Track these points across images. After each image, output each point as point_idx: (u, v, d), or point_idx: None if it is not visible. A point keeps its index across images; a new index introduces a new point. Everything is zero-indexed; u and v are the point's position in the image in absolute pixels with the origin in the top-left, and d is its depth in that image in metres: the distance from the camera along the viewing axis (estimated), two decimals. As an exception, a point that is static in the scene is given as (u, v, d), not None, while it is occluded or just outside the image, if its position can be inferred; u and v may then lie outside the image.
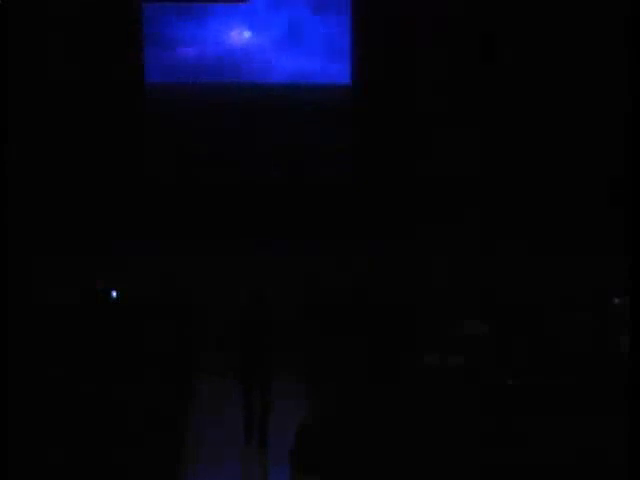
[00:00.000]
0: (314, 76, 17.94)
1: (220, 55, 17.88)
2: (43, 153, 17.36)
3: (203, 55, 17.89)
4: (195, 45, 17.87)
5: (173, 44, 17.85)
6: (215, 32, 17.86)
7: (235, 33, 17.87)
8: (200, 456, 12.59)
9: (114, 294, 15.09)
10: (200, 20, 17.79)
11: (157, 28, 17.78)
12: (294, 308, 16.24)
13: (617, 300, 14.01)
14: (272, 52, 17.87)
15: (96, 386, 11.43)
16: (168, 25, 17.78)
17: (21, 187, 16.75)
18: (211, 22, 17.82)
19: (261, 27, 17.86)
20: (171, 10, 17.77)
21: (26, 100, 17.05)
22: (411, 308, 14.62)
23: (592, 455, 9.97)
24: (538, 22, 17.39)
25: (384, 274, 16.72)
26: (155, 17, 17.77)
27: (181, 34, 17.82)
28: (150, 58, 17.83)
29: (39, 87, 17.24)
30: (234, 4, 17.76)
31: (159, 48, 17.83)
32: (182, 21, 17.78)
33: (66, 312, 13.97)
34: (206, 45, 17.88)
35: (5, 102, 13.95)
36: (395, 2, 17.60)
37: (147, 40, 17.78)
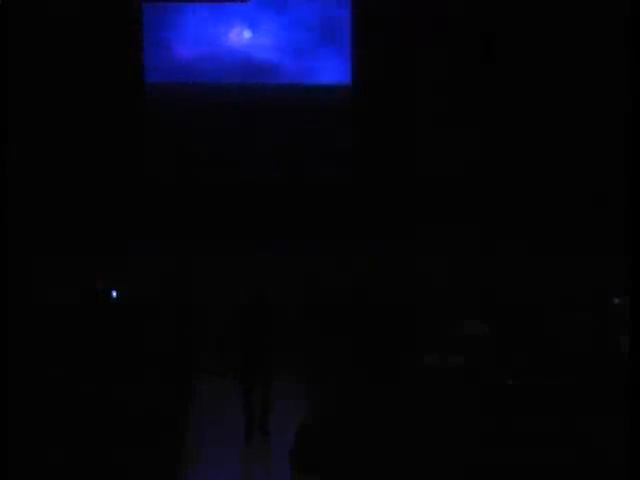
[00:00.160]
0: (314, 76, 17.94)
1: (220, 55, 17.88)
2: (43, 153, 17.36)
3: (203, 55, 17.89)
4: (195, 45, 17.86)
5: (173, 44, 17.85)
6: (215, 32, 17.86)
7: (235, 33, 17.87)
8: (200, 456, 12.59)
9: (114, 294, 15.09)
10: (200, 20, 17.79)
11: (157, 28, 17.78)
12: (294, 308, 16.24)
13: (617, 300, 14.01)
14: (272, 52, 17.87)
15: (96, 386, 11.42)
16: (168, 25, 17.79)
17: (21, 187, 16.75)
18: (211, 22, 17.82)
19: (261, 27, 17.86)
20: (171, 10, 17.77)
21: (26, 100, 17.05)
22: (411, 308, 14.62)
23: (592, 455, 9.97)
24: (538, 22, 17.39)
25: (384, 274, 16.72)
26: (155, 17, 17.77)
27: (181, 34, 17.82)
28: (150, 58, 17.83)
29: (39, 87, 17.24)
30: (234, 4, 17.76)
31: (159, 48, 17.82)
32: (182, 21, 17.78)
33: (66, 312, 13.96)
34: (206, 45, 17.88)
35: (5, 102, 13.94)
36: (395, 2, 17.61)
37: (147, 40, 17.78)
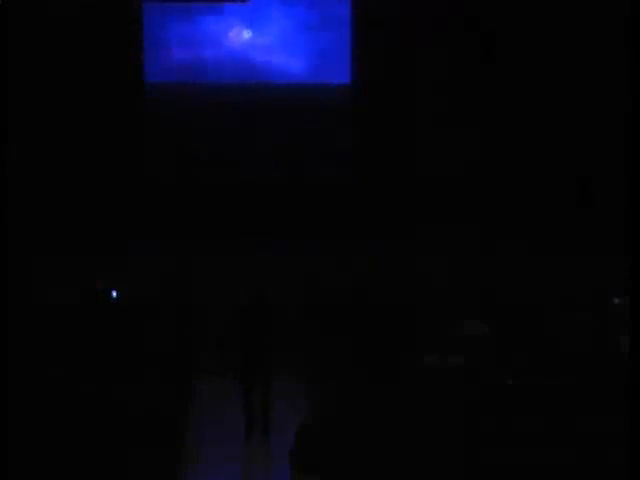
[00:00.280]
0: (314, 76, 17.94)
1: (220, 55, 17.88)
2: (43, 153, 17.37)
3: (203, 55, 17.88)
4: (195, 45, 17.86)
5: (173, 44, 17.84)
6: (215, 32, 17.85)
7: (235, 33, 17.87)
8: (200, 456, 12.59)
9: (114, 294, 15.09)
10: (200, 20, 17.79)
11: (157, 28, 17.78)
12: (294, 308, 16.24)
13: (617, 300, 14.01)
14: (272, 52, 17.86)
15: (96, 386, 11.41)
16: (168, 25, 17.79)
17: (21, 187, 16.74)
18: (211, 22, 17.82)
19: (261, 27, 17.86)
20: (171, 10, 17.77)
21: (26, 100, 17.05)
22: (411, 308, 14.61)
23: (592, 455, 9.97)
24: (538, 22, 17.39)
25: (384, 274, 16.71)
26: (155, 17, 17.77)
27: (181, 34, 17.82)
28: (150, 58, 17.83)
29: (39, 87, 17.24)
30: (234, 4, 17.76)
31: (159, 48, 17.83)
32: (182, 21, 17.78)
33: (66, 312, 13.96)
34: (206, 45, 17.87)
35: (5, 102, 13.94)
36: (395, 2, 17.61)
37: (147, 40, 17.78)
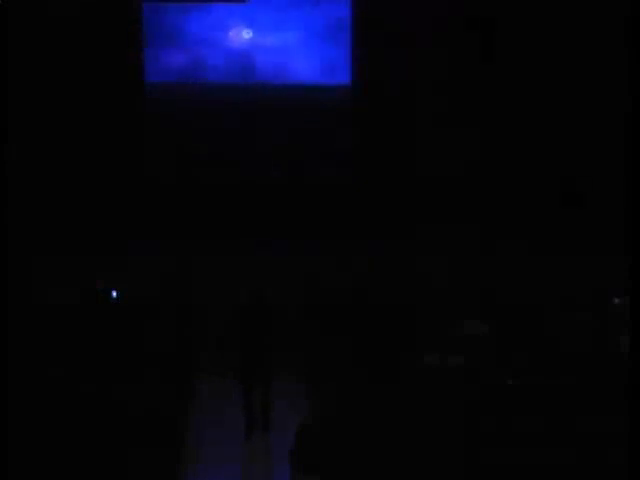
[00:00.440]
0: (314, 76, 17.93)
1: (220, 55, 17.87)
2: (43, 153, 17.36)
3: (203, 55, 17.88)
4: (195, 45, 17.86)
5: (173, 44, 17.84)
6: (215, 32, 17.85)
7: (235, 33, 17.87)
8: (200, 456, 12.59)
9: (114, 294, 15.09)
10: (200, 20, 17.79)
11: (157, 28, 17.77)
12: (294, 308, 16.24)
13: (617, 300, 14.01)
14: (272, 52, 17.86)
15: (96, 386, 11.42)
16: (168, 25, 17.78)
17: (21, 187, 16.74)
18: (211, 22, 17.81)
19: (261, 27, 17.85)
20: (171, 10, 17.77)
21: (26, 100, 17.05)
22: (411, 308, 14.61)
23: (592, 455, 9.97)
24: (538, 22, 17.38)
25: (384, 274, 16.71)
26: (155, 17, 17.76)
27: (181, 34, 17.81)
28: (150, 58, 17.83)
29: (39, 87, 17.23)
30: (234, 4, 17.76)
31: (159, 48, 17.83)
32: (182, 21, 17.78)
33: (66, 312, 13.96)
34: (206, 45, 17.87)
35: (5, 102, 13.93)
36: (395, 2, 17.60)
37: (147, 40, 17.78)
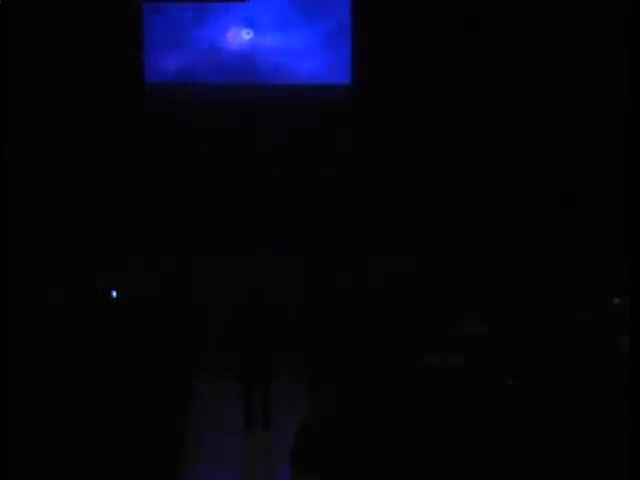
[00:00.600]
0: (314, 76, 17.93)
1: (220, 55, 17.87)
2: (43, 153, 17.36)
3: (203, 55, 17.88)
4: (195, 45, 17.85)
5: (173, 44, 17.84)
6: (215, 32, 17.84)
7: (235, 33, 17.86)
8: (200, 456, 12.59)
9: (114, 294, 15.08)
10: (200, 20, 17.79)
11: (157, 28, 17.77)
12: (294, 308, 16.24)
13: (617, 300, 14.00)
14: (272, 52, 17.86)
15: (96, 386, 11.42)
16: (168, 25, 17.77)
17: (21, 187, 16.74)
18: (211, 22, 17.81)
19: (261, 27, 17.85)
20: (171, 10, 17.77)
21: (26, 100, 17.05)
22: (411, 308, 14.61)
23: (592, 455, 9.97)
24: (538, 22, 17.38)
25: (384, 274, 16.71)
26: (155, 17, 17.76)
27: (181, 34, 17.81)
28: (150, 58, 17.83)
29: (39, 87, 17.23)
30: (234, 4, 17.76)
31: (159, 48, 17.82)
32: (182, 21, 17.77)
33: (66, 312, 13.96)
34: (206, 45, 17.87)
35: (5, 102, 13.94)
36: (395, 2, 17.60)
37: (147, 40, 17.78)
